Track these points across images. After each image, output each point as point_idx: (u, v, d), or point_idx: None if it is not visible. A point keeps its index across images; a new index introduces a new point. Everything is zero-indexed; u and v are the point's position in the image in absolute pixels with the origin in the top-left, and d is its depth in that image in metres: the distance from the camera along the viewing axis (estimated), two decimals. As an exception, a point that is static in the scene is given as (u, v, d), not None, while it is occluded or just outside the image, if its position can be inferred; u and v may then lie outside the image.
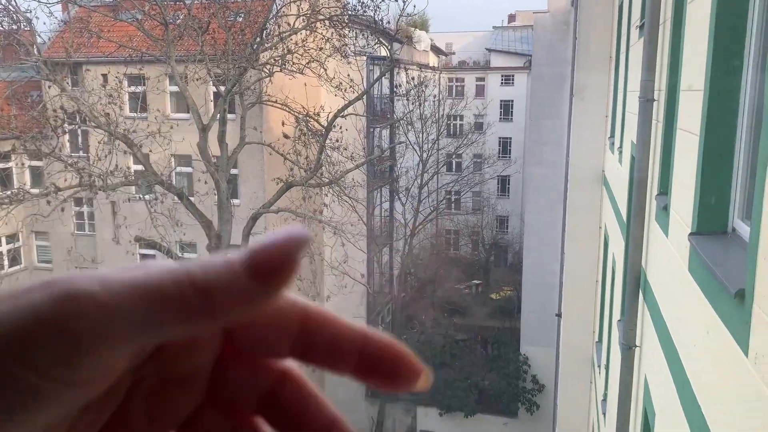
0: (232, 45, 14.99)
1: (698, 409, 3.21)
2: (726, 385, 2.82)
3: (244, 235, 15.83)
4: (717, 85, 3.32)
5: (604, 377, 9.35)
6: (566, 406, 12.82)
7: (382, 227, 27.63)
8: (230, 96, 15.67)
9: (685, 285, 3.69)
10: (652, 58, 5.37)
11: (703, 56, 3.51)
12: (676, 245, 4.17)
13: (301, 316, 0.38)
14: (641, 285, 5.68)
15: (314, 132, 16.58)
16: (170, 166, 17.30)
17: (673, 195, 4.44)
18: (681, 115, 4.33)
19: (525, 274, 24.01)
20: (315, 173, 15.90)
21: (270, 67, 15.93)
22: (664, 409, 4.36)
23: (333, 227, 16.08)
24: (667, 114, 5.04)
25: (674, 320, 4.19)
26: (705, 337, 3.20)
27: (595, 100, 11.85)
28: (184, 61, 15.77)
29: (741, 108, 3.21)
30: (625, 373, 5.77)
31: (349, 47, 17.30)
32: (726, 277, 2.75)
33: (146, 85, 18.94)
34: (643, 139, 5.43)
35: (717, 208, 3.39)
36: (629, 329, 5.72)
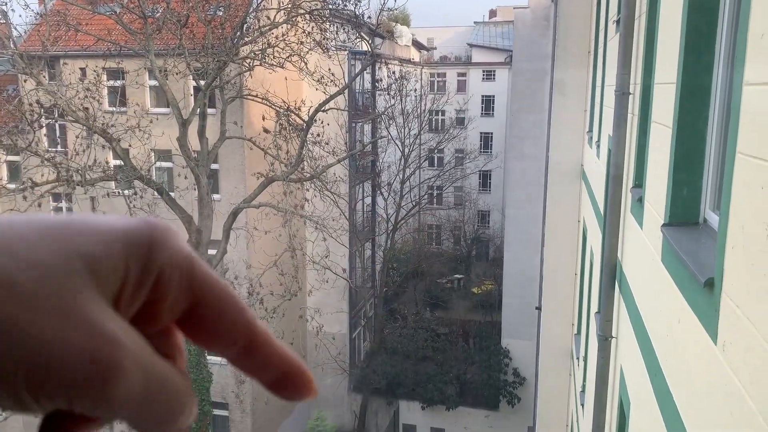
0: (211, 39, 14.89)
1: (670, 397, 3.27)
2: (696, 373, 2.87)
3: (225, 230, 15.76)
4: (689, 79, 3.37)
5: (582, 369, 9.45)
6: (546, 398, 12.94)
7: (364, 222, 27.63)
8: (210, 90, 15.57)
9: (658, 276, 3.75)
10: (628, 52, 5.44)
11: (676, 50, 3.56)
12: (649, 237, 4.23)
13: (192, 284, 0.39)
14: (617, 277, 5.75)
15: (295, 126, 16.53)
16: (150, 161, 17.14)
17: (648, 187, 4.50)
18: (655, 109, 4.39)
19: (506, 268, 24.16)
20: (296, 168, 15.86)
21: (250, 61, 15.84)
22: (639, 399, 4.43)
23: (315, 222, 16.07)
24: (642, 107, 5.10)
25: (648, 311, 4.26)
26: (676, 326, 3.26)
27: (574, 95, 11.95)
28: (163, 55, 15.63)
29: (712, 101, 3.27)
30: (602, 365, 5.84)
31: (330, 41, 17.26)
32: (696, 267, 2.80)
33: (125, 79, 18.75)
34: (619, 133, 5.50)
35: (689, 199, 3.45)
36: (605, 321, 5.79)
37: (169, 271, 0.37)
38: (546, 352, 12.90)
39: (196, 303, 0.39)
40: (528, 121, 22.05)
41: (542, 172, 14.13)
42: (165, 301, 0.38)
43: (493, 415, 24.76)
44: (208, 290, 0.39)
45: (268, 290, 15.41)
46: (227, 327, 0.39)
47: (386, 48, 30.79)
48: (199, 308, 0.39)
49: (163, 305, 0.38)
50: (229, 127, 16.53)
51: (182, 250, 0.38)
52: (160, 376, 0.36)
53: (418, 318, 28.29)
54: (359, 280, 26.45)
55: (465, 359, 25.74)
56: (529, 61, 22.13)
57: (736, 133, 2.36)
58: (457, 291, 33.97)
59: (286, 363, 0.42)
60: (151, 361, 0.35)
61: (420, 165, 32.30)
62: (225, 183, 20.35)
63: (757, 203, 2.15)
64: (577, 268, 11.91)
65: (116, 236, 0.36)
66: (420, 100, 31.36)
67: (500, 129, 37.87)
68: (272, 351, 0.41)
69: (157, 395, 0.35)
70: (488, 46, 40.87)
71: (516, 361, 24.16)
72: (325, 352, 22.42)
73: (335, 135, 20.07)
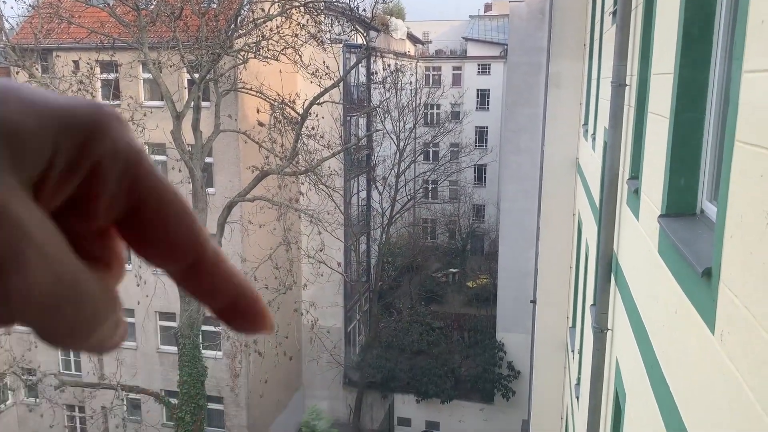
0: (205, 31, 14.80)
1: (666, 388, 3.27)
2: (693, 363, 2.86)
3: (219, 224, 15.72)
4: (687, 68, 3.35)
5: (577, 362, 9.47)
6: (541, 391, 12.97)
7: (359, 216, 27.61)
8: (204, 83, 15.50)
9: (655, 267, 3.74)
10: (624, 43, 5.42)
11: (674, 40, 3.54)
12: (646, 228, 4.22)
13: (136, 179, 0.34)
14: (613, 269, 5.75)
15: (290, 120, 16.47)
16: (144, 154, 17.02)
17: (644, 178, 4.49)
18: (652, 99, 4.37)
19: (501, 261, 24.18)
20: (291, 161, 15.81)
21: (244, 54, 15.77)
22: (634, 390, 4.43)
23: (309, 216, 16.02)
24: (638, 99, 5.09)
25: (644, 302, 4.25)
26: (673, 317, 3.25)
27: (569, 88, 11.94)
28: (157, 47, 15.54)
29: (710, 90, 3.25)
30: (597, 357, 5.84)
31: (325, 34, 17.20)
32: (694, 257, 2.78)
33: (119, 72, 18.66)
34: (616, 124, 5.48)
35: (686, 190, 3.44)
36: (601, 313, 5.79)
37: (108, 163, 0.33)
38: (541, 345, 12.92)
39: (137, 205, 0.34)
40: (523, 114, 22.04)
41: (537, 166, 14.13)
42: (100, 197, 0.33)
43: (488, 409, 24.83)
44: (154, 192, 0.34)
45: (263, 284, 15.38)
46: (172, 239, 0.35)
47: (381, 41, 30.70)
48: (141, 212, 0.34)
49: (98, 201, 0.33)
50: (224, 120, 16.46)
51: (129, 142, 0.34)
52: (72, 277, 0.30)
53: (413, 312, 28.31)
54: (354, 274, 26.45)
55: (460, 353, 25.81)
56: (524, 55, 22.10)
57: (735, 122, 2.35)
58: (452, 285, 34.00)
59: (238, 289, 0.37)
60: (63, 260, 0.30)
61: (415, 159, 32.26)
62: (219, 176, 20.29)
63: (756, 192, 2.13)
64: (572, 261, 11.92)
65: (52, 112, 0.31)
66: (415, 93, 31.31)
67: (495, 123, 37.85)
68: (222, 274, 0.37)
69: (67, 300, 0.30)
70: (483, 40, 40.81)
71: (511, 355, 24.21)
72: (320, 346, 22.38)
73: (330, 128, 20.01)
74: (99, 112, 0.33)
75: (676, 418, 3.00)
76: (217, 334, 18.80)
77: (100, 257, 0.35)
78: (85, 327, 0.32)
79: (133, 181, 0.34)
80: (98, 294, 0.33)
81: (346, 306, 25.94)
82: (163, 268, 0.36)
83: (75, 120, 0.32)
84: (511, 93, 23.26)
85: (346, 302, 25.98)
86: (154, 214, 0.34)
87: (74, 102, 0.33)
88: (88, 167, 0.32)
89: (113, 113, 0.34)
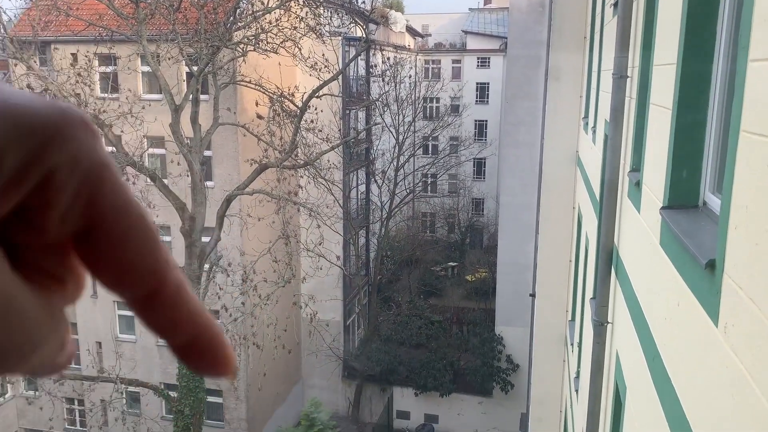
0: (204, 24, 14.74)
1: (668, 381, 3.25)
2: (696, 356, 2.84)
3: (218, 217, 15.68)
4: (690, 58, 3.32)
5: (576, 355, 9.46)
6: (540, 384, 12.98)
7: (358, 209, 27.59)
8: (203, 76, 15.43)
9: (657, 259, 3.71)
10: (626, 35, 5.38)
11: (677, 29, 3.51)
12: (648, 220, 4.19)
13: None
14: (613, 262, 5.73)
15: (289, 113, 16.42)
16: (142, 147, 17.03)
17: (646, 171, 4.46)
18: (654, 91, 4.34)
19: (500, 255, 24.19)
20: (290, 155, 15.76)
21: (243, 47, 15.71)
22: (635, 383, 4.41)
23: (308, 209, 15.99)
24: (640, 90, 5.05)
25: (646, 295, 4.23)
26: (676, 309, 3.23)
27: (569, 81, 11.90)
28: (155, 40, 15.47)
29: (714, 80, 3.22)
30: (597, 350, 5.82)
31: (324, 27, 17.12)
32: (697, 249, 2.76)
33: (117, 65, 18.58)
34: (617, 117, 5.45)
35: (688, 181, 3.41)
36: (601, 306, 5.77)
37: (64, 174, 0.29)
38: (540, 339, 12.92)
39: (96, 223, 0.31)
40: (523, 108, 22.00)
41: (537, 160, 14.10)
42: (52, 209, 0.30)
43: (487, 402, 24.88)
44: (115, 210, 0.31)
45: (262, 277, 15.36)
46: (130, 263, 0.31)
47: (380, 34, 30.62)
48: (99, 230, 0.31)
49: (49, 213, 0.30)
50: (223, 113, 16.40)
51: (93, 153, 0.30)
52: (5, 296, 0.28)
53: (412, 305, 28.33)
54: (353, 268, 26.44)
55: (459, 346, 25.84)
56: (524, 48, 22.05)
57: (740, 112, 2.32)
58: (451, 278, 34.02)
59: (198, 325, 0.33)
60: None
61: (414, 152, 32.20)
62: (218, 169, 20.25)
63: (761, 182, 2.11)
64: (571, 255, 11.91)
65: (4, 112, 0.28)
66: (414, 87, 31.24)
67: (495, 116, 37.81)
68: (183, 307, 0.33)
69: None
70: (483, 33, 40.70)
71: (509, 348, 24.25)
72: (319, 339, 22.42)
73: (329, 122, 19.96)
74: (62, 116, 0.30)
75: (678, 411, 2.98)
76: (216, 327, 18.76)
77: (54, 273, 0.32)
78: (19, 350, 0.29)
79: (93, 196, 0.31)
80: (37, 315, 0.30)
81: (345, 299, 25.95)
82: (119, 294, 0.32)
83: (30, 123, 0.29)
84: (511, 86, 23.22)
85: (345, 296, 25.99)
86: (113, 234, 0.31)
87: (35, 103, 0.29)
88: (39, 176, 0.29)
89: (79, 119, 0.30)
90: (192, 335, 0.33)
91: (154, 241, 0.32)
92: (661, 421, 3.32)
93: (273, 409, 23.45)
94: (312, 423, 19.81)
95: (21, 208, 0.29)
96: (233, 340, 16.92)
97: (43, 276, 0.31)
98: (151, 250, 0.32)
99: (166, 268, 0.32)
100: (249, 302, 16.00)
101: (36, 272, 0.31)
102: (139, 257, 0.32)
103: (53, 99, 0.30)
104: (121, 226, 0.31)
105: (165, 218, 18.17)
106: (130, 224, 0.31)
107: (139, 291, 0.32)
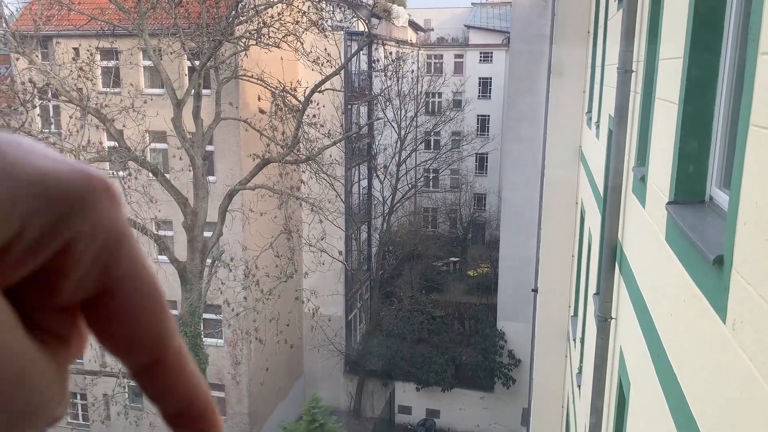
0: (206, 18, 14.69)
1: (674, 378, 3.22)
2: (703, 353, 2.82)
3: (221, 212, 15.67)
4: (697, 51, 3.29)
5: (579, 350, 9.44)
6: (542, 379, 12.96)
7: (360, 205, 27.56)
8: (205, 70, 15.40)
9: (662, 255, 3.69)
10: (630, 29, 5.34)
11: (684, 23, 3.47)
12: (653, 216, 4.16)
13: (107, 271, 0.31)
14: (617, 257, 5.70)
15: (291, 107, 16.38)
16: (144, 141, 16.99)
17: (651, 165, 4.43)
18: (660, 85, 4.30)
19: (502, 250, 24.16)
20: (292, 150, 15.74)
21: (245, 41, 15.66)
22: (640, 380, 4.39)
23: (311, 204, 15.98)
24: (645, 85, 5.02)
25: (651, 291, 4.21)
26: (682, 306, 3.20)
27: (572, 75, 11.84)
28: (157, 34, 15.43)
29: (721, 74, 3.19)
30: (601, 346, 5.80)
31: (326, 21, 17.07)
32: (704, 245, 2.73)
33: (119, 59, 18.54)
34: (621, 111, 5.41)
35: (695, 176, 3.38)
36: (605, 302, 5.75)
37: (83, 244, 0.29)
38: (542, 334, 12.90)
39: (107, 291, 0.31)
40: (525, 103, 21.94)
41: (539, 155, 14.06)
42: (68, 276, 0.30)
43: (488, 397, 24.89)
44: (128, 282, 0.31)
45: (264, 272, 15.35)
46: (135, 333, 0.32)
47: (383, 29, 30.53)
48: (108, 298, 0.31)
49: (65, 280, 0.30)
50: (225, 107, 16.37)
51: (113, 222, 0.30)
52: (12, 357, 0.27)
53: (413, 300, 28.33)
54: (355, 263, 26.43)
55: (460, 341, 25.83)
56: (526, 43, 21.97)
57: (750, 106, 2.29)
58: (452, 274, 34.01)
59: (192, 394, 0.33)
60: (6, 338, 0.28)
61: (416, 147, 32.16)
62: (220, 164, 20.23)
63: (771, 177, 2.08)
64: (574, 250, 11.88)
65: (29, 178, 0.27)
66: (416, 81, 31.17)
67: (497, 111, 37.71)
68: (181, 377, 0.33)
69: (4, 381, 0.27)
70: (485, 28, 40.57)
71: (511, 344, 24.23)
72: (321, 334, 22.44)
73: (331, 117, 19.92)
74: (85, 183, 0.29)
75: (684, 407, 2.96)
76: (218, 322, 18.81)
77: (59, 333, 0.32)
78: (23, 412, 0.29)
79: (107, 266, 0.31)
80: (43, 378, 0.30)
81: (347, 294, 25.96)
82: (121, 361, 0.33)
83: (54, 191, 0.28)
84: (513, 81, 23.15)
85: (347, 291, 25.99)
86: (123, 304, 0.31)
87: (60, 168, 0.29)
88: (59, 245, 0.29)
89: (102, 185, 0.30)
90: (185, 403, 0.34)
91: (162, 311, 0.32)
92: (666, 417, 3.30)
93: (275, 403, 23.49)
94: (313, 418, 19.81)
95: (36, 271, 0.29)
96: (236, 335, 16.95)
97: (49, 335, 0.31)
98: (158, 322, 0.32)
99: (169, 339, 0.33)
100: (251, 297, 16.00)
101: (43, 332, 0.30)
102: (147, 328, 0.32)
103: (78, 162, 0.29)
104: (132, 297, 0.31)
105: (167, 213, 18.15)
106: (141, 295, 0.32)
107: (142, 359, 0.32)
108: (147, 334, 0.32)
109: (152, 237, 15.70)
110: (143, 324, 0.32)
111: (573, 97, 11.78)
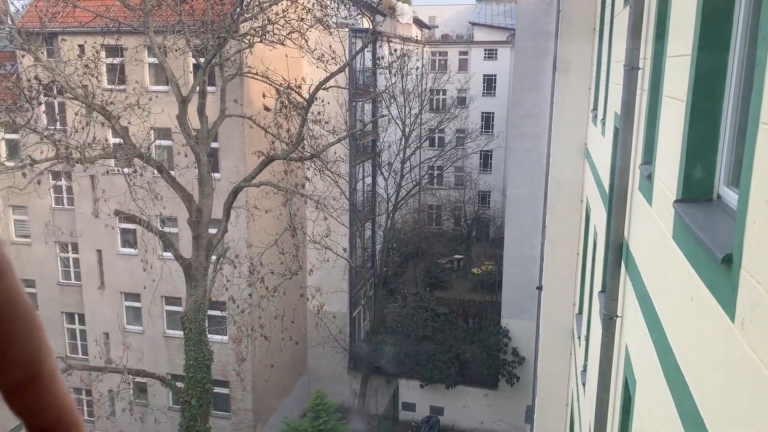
0: (211, 15, 14.69)
1: (681, 377, 3.21)
2: (710, 351, 2.81)
3: (225, 209, 15.68)
4: (706, 48, 3.26)
5: (584, 348, 9.42)
6: (546, 377, 12.95)
7: (364, 202, 27.57)
8: (210, 67, 15.40)
9: (669, 253, 3.67)
10: (637, 25, 5.31)
11: (692, 19, 3.45)
12: (659, 214, 4.14)
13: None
14: (623, 255, 5.68)
15: (296, 105, 16.37)
16: (149, 138, 17.00)
17: (658, 163, 4.41)
18: (667, 82, 4.28)
19: (506, 248, 24.15)
20: (296, 147, 15.73)
21: (250, 38, 15.66)
22: (646, 378, 4.38)
23: (315, 201, 15.97)
24: (652, 82, 4.99)
25: (657, 289, 4.19)
26: (689, 304, 3.19)
27: (578, 73, 11.80)
28: (162, 31, 15.45)
29: (730, 70, 3.17)
30: (606, 344, 5.78)
31: (331, 18, 17.05)
32: (712, 243, 2.72)
33: (124, 57, 18.56)
34: (628, 109, 5.38)
35: (703, 174, 3.36)
36: (611, 300, 5.72)
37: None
38: (546, 332, 12.89)
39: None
40: (530, 100, 21.90)
41: (544, 152, 14.03)
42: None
43: (492, 394, 24.90)
44: (6, 310, 0.33)
45: (269, 269, 15.36)
46: (11, 352, 0.34)
47: (387, 26, 30.50)
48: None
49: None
50: (229, 105, 16.38)
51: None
52: None
53: (417, 298, 28.34)
54: (359, 260, 26.45)
55: (464, 339, 25.84)
56: (531, 40, 21.92)
57: (760, 103, 2.27)
58: (457, 271, 34.00)
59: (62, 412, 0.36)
60: None
61: (421, 145, 32.14)
62: (225, 161, 20.25)
63: (781, 175, 2.07)
64: (579, 248, 11.84)
65: None
66: (421, 78, 31.13)
67: (502, 108, 37.66)
68: (52, 395, 0.35)
69: None
70: (490, 25, 40.51)
71: (515, 341, 24.23)
72: (325, 331, 22.47)
73: (335, 114, 19.92)
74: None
75: (691, 406, 2.94)
76: (223, 318, 18.84)
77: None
78: None
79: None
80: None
81: (351, 291, 25.97)
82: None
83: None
84: (518, 78, 23.10)
85: (352, 288, 26.01)
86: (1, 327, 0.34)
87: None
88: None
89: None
90: (52, 420, 0.36)
91: (38, 335, 0.35)
92: (672, 416, 3.29)
93: (279, 400, 23.53)
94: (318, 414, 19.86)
95: None
96: (240, 332, 16.98)
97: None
98: (34, 343, 0.35)
99: (44, 359, 0.35)
100: (256, 294, 16.02)
101: None
102: (23, 348, 0.34)
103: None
104: (11, 322, 0.34)
105: (172, 209, 18.18)
106: (19, 320, 0.34)
107: (17, 377, 0.34)
108: (23, 355, 0.34)
109: (157, 234, 15.72)
110: (20, 345, 0.34)
111: (578, 94, 11.74)
